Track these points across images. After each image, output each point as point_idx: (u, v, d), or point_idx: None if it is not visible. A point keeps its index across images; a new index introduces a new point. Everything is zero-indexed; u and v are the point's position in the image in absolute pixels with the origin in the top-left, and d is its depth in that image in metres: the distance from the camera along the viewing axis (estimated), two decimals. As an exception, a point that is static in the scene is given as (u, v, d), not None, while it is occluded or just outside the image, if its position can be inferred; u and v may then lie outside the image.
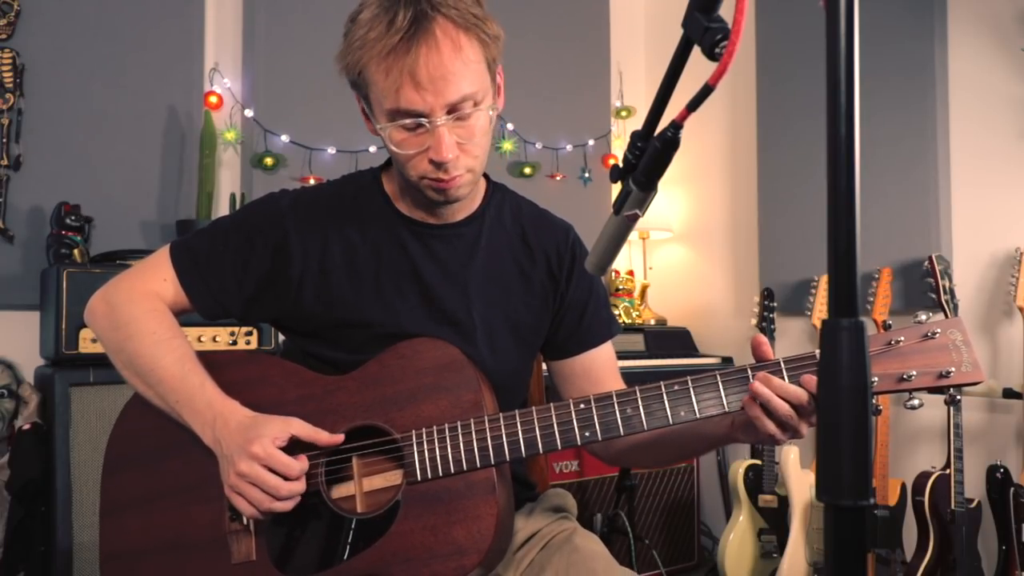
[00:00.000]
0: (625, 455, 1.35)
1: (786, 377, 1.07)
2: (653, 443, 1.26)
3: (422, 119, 1.12)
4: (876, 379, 1.06)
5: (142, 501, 1.24)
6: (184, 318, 1.29)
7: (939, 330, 1.07)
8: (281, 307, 1.30)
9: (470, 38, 1.12)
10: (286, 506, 1.14)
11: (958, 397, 2.37)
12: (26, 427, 2.23)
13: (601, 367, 1.37)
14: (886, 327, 1.07)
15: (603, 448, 1.36)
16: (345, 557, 1.15)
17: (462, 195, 1.22)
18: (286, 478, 1.12)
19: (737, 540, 2.73)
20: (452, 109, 1.12)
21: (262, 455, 1.11)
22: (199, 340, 2.37)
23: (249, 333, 2.46)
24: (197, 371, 1.20)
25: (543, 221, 1.38)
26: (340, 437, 1.17)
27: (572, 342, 1.37)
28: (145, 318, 1.24)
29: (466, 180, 1.19)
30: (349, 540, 1.16)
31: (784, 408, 1.05)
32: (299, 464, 1.13)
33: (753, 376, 1.08)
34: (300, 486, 1.14)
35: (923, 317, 1.09)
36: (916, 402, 1.08)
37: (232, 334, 2.43)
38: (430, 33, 1.09)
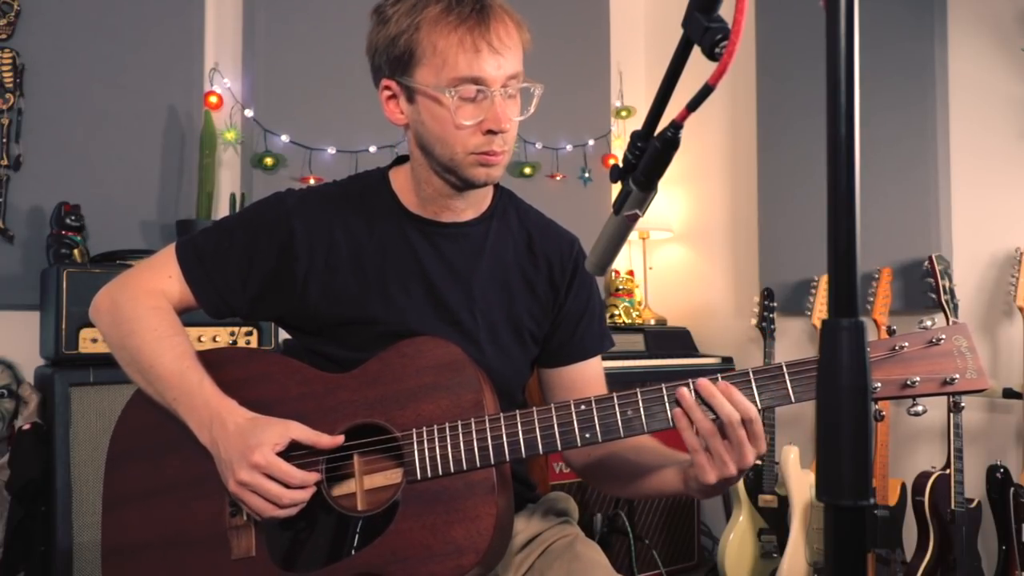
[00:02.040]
0: (597, 467, 1.33)
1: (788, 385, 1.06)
2: (623, 464, 1.26)
3: (484, 88, 1.17)
4: (879, 385, 1.04)
5: (144, 496, 1.25)
6: (184, 317, 1.29)
7: (944, 336, 1.05)
8: (286, 305, 1.30)
9: (520, 28, 1.24)
10: (289, 512, 1.14)
11: (962, 404, 2.36)
12: (26, 427, 2.23)
13: (588, 381, 1.37)
14: (890, 332, 1.05)
15: (578, 453, 1.33)
16: (345, 555, 1.15)
17: (496, 177, 1.25)
18: (287, 486, 1.13)
19: (737, 540, 2.73)
20: (504, 84, 1.19)
21: (263, 464, 1.11)
22: (199, 340, 2.36)
23: (249, 333, 2.45)
24: (196, 369, 1.20)
25: (549, 230, 1.39)
26: (340, 439, 1.17)
27: (563, 352, 1.37)
28: (147, 315, 1.24)
29: (506, 160, 1.24)
30: (349, 538, 1.16)
31: (704, 424, 1.05)
32: (301, 474, 1.13)
33: (754, 379, 1.07)
34: (303, 494, 1.14)
35: (928, 323, 1.07)
36: (920, 408, 1.05)
37: (232, 334, 2.43)
38: (496, 10, 1.20)
